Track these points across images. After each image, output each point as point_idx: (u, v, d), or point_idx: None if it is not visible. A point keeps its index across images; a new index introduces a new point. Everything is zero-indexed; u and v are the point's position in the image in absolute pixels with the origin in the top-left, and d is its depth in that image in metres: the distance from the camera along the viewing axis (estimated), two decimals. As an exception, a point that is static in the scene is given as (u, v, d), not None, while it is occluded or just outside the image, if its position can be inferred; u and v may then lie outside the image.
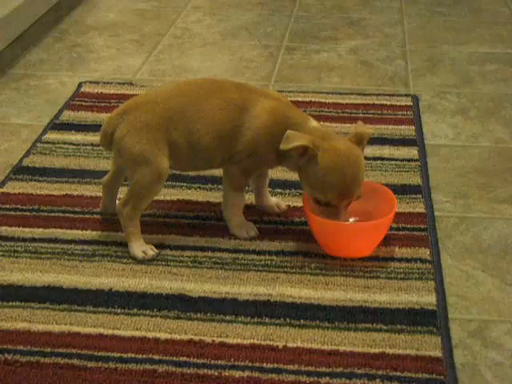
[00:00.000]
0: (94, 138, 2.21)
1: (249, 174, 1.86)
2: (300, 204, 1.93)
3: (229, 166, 1.84)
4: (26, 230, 1.89)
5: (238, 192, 1.87)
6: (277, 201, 1.98)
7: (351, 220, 1.83)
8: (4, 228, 1.90)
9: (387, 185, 1.94)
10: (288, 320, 1.63)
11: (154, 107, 1.79)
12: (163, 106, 1.79)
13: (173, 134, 1.78)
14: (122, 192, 1.89)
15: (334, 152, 1.72)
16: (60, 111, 2.46)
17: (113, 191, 1.94)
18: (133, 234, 1.82)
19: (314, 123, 1.80)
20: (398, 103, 2.51)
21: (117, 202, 1.91)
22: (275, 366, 1.51)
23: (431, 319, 1.63)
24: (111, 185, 1.93)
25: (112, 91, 2.56)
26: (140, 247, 1.81)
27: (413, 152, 2.23)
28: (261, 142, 1.79)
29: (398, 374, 1.49)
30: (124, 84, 2.63)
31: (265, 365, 1.51)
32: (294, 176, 1.83)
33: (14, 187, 2.06)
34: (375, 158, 2.18)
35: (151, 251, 1.81)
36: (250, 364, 1.52)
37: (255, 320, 1.63)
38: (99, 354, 1.54)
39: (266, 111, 1.79)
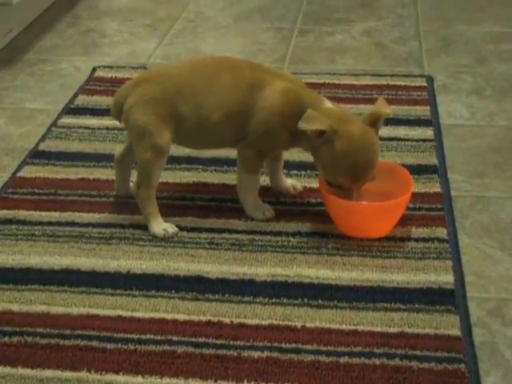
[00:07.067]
0: (109, 122, 2.21)
1: (263, 157, 1.85)
2: (316, 185, 1.93)
3: (243, 149, 1.84)
4: (43, 213, 1.90)
5: (252, 175, 1.86)
6: (292, 182, 1.97)
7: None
8: (21, 212, 1.91)
9: (403, 165, 1.93)
10: (306, 300, 1.63)
11: (164, 80, 1.79)
12: (173, 80, 1.79)
13: (181, 109, 1.77)
14: (134, 175, 1.89)
15: (350, 138, 1.71)
16: (74, 96, 2.46)
17: (125, 169, 1.94)
18: (151, 213, 1.82)
19: (328, 104, 1.79)
20: (413, 84, 2.50)
21: (131, 184, 1.92)
22: (294, 346, 1.51)
23: (449, 298, 1.62)
24: (123, 161, 1.92)
25: (126, 75, 2.56)
26: (160, 225, 1.82)
27: (428, 132, 2.22)
28: (272, 123, 1.77)
29: (417, 352, 1.49)
30: (138, 68, 2.62)
31: (283, 345, 1.52)
32: (309, 157, 1.82)
33: (31, 171, 2.07)
34: (390, 139, 2.17)
35: (171, 229, 1.82)
36: (268, 344, 1.52)
37: (273, 301, 1.63)
38: (118, 335, 1.55)
39: (279, 92, 1.78)
